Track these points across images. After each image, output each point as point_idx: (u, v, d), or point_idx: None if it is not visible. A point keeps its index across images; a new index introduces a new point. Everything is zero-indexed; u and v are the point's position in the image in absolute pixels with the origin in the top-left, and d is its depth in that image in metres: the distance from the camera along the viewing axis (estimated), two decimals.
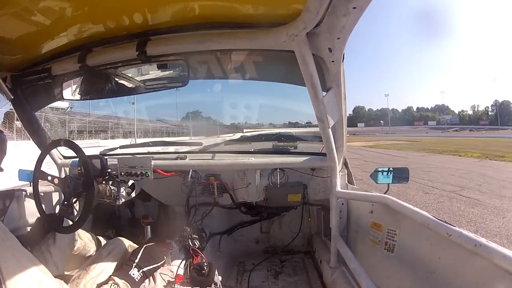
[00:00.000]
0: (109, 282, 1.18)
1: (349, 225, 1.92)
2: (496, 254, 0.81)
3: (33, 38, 1.29)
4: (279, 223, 2.60)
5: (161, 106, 15.57)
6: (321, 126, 1.51)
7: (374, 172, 1.74)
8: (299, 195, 2.11)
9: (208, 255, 1.81)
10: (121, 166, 1.88)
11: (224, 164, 2.10)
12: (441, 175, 9.65)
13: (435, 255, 1.13)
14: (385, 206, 1.45)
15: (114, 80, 1.46)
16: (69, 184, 1.57)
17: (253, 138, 6.36)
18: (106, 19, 1.19)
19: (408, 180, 1.78)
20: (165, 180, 2.01)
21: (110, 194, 1.77)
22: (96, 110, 23.27)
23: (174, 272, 1.48)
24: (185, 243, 1.75)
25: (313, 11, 0.89)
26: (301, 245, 2.55)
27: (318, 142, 2.08)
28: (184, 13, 1.15)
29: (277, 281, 2.12)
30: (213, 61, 1.63)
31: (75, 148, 1.55)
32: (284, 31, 1.05)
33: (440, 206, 5.89)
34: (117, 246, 1.55)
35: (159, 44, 1.25)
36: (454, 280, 1.03)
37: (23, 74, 1.58)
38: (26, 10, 1.07)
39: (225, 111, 4.72)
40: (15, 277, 0.86)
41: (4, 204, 1.81)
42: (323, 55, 1.22)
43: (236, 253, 2.48)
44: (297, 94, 1.70)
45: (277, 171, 2.07)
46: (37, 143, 2.02)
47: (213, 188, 2.09)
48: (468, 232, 0.94)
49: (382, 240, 1.50)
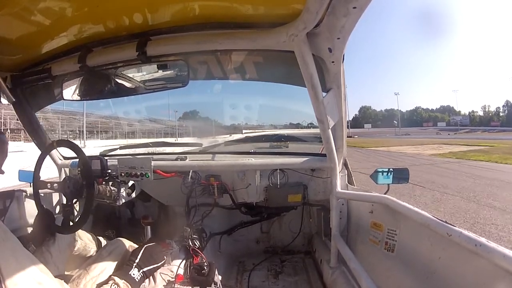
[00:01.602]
0: (109, 282, 1.18)
1: (349, 225, 1.92)
2: (496, 254, 0.81)
3: (33, 38, 1.29)
4: (279, 223, 2.60)
5: (158, 106, 15.35)
6: (321, 127, 1.51)
7: (375, 172, 1.74)
8: (299, 195, 2.11)
9: (208, 255, 1.81)
10: (121, 167, 1.88)
11: (224, 164, 2.10)
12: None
13: (435, 255, 1.13)
14: (385, 206, 1.45)
15: (114, 81, 1.46)
16: (69, 185, 1.56)
17: (248, 139, 6.37)
18: (106, 19, 1.19)
19: (408, 181, 1.78)
20: (165, 180, 2.01)
21: (110, 194, 1.77)
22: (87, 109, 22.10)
23: (174, 272, 1.48)
24: (185, 243, 1.75)
25: (313, 11, 0.89)
26: (301, 245, 2.55)
27: (318, 143, 2.08)
28: (184, 13, 1.15)
29: (277, 281, 2.12)
30: (213, 61, 1.63)
31: (75, 149, 1.55)
32: (284, 31, 1.05)
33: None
34: (118, 247, 1.55)
35: (159, 44, 1.25)
36: (454, 280, 1.02)
37: (23, 74, 1.58)
38: (26, 10, 1.07)
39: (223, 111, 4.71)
40: (15, 277, 0.86)
41: (4, 204, 1.81)
42: (323, 56, 1.22)
43: (236, 253, 2.48)
44: (297, 95, 1.70)
45: (277, 171, 2.07)
46: (37, 143, 2.01)
47: (213, 189, 2.09)
48: (468, 232, 0.94)
49: (382, 240, 1.50)
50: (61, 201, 2.22)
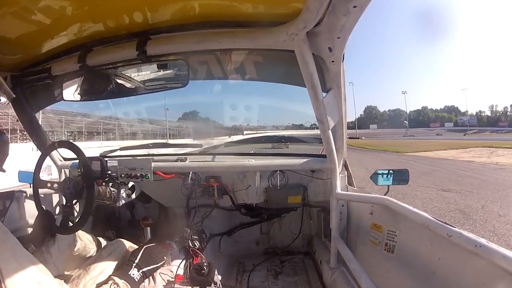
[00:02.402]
0: (109, 282, 1.18)
1: (349, 226, 1.92)
2: (496, 255, 0.81)
3: (33, 38, 1.29)
4: (279, 224, 2.59)
5: (156, 107, 15.19)
6: (321, 128, 1.51)
7: (374, 174, 1.74)
8: (299, 196, 2.11)
9: (208, 256, 1.81)
10: (121, 168, 1.87)
11: (224, 166, 2.10)
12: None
13: (435, 256, 1.12)
14: (385, 207, 1.45)
15: (114, 81, 1.46)
16: (69, 186, 1.56)
17: (248, 140, 6.38)
18: (106, 18, 1.19)
19: (407, 182, 1.78)
20: (165, 182, 2.00)
21: (110, 195, 1.77)
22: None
23: (174, 272, 1.48)
24: (185, 244, 1.75)
25: (313, 10, 0.89)
26: (301, 246, 2.54)
27: (318, 144, 2.08)
28: (184, 12, 1.15)
29: (277, 281, 2.11)
30: (213, 61, 1.63)
31: (75, 150, 1.55)
32: (284, 30, 1.05)
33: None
34: (117, 247, 1.54)
35: (159, 44, 1.25)
36: (454, 281, 1.02)
37: (23, 74, 1.58)
38: (26, 10, 1.07)
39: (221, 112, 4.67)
40: (15, 277, 0.86)
41: (4, 205, 1.80)
42: (323, 55, 1.22)
43: (236, 254, 2.47)
44: (297, 95, 1.69)
45: (277, 173, 2.06)
46: (37, 144, 2.01)
47: (213, 190, 2.08)
48: (468, 232, 0.93)
49: (382, 241, 1.49)
50: (61, 202, 2.22)
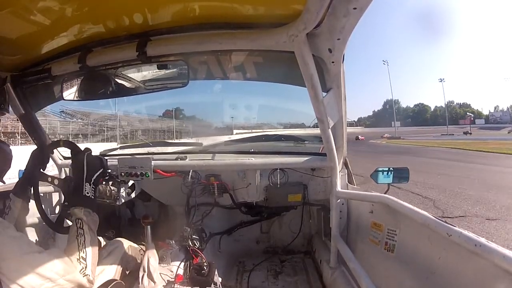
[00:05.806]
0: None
1: (349, 225, 1.92)
2: (496, 254, 0.81)
3: (33, 38, 1.29)
4: (279, 223, 2.60)
5: (156, 106, 15.02)
6: (321, 127, 1.52)
7: (375, 172, 1.74)
8: (299, 195, 2.11)
9: (208, 255, 1.81)
10: (121, 167, 1.88)
11: (224, 164, 2.11)
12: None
13: (435, 255, 1.13)
14: (385, 206, 1.45)
15: (114, 81, 1.45)
16: (69, 185, 1.56)
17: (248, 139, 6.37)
18: (106, 19, 1.19)
19: (408, 180, 1.78)
20: (165, 180, 2.00)
21: (110, 194, 1.77)
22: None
23: (174, 272, 1.49)
24: (185, 243, 1.75)
25: (313, 11, 0.89)
26: (301, 245, 2.55)
27: (318, 142, 2.08)
28: (184, 13, 1.15)
29: (277, 281, 2.12)
30: (213, 61, 1.63)
31: (75, 149, 1.54)
32: (284, 31, 1.05)
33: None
34: (117, 247, 1.55)
35: (159, 45, 1.25)
36: (454, 280, 1.03)
37: (23, 74, 1.58)
38: (26, 10, 1.07)
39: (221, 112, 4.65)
40: (15, 277, 0.86)
41: (4, 204, 1.80)
42: (323, 56, 1.22)
43: (236, 253, 2.48)
44: (297, 95, 1.69)
45: (277, 171, 2.07)
46: (37, 143, 2.01)
47: (213, 188, 2.08)
48: (468, 232, 0.94)
49: (382, 240, 1.50)
50: (61, 201, 2.22)
